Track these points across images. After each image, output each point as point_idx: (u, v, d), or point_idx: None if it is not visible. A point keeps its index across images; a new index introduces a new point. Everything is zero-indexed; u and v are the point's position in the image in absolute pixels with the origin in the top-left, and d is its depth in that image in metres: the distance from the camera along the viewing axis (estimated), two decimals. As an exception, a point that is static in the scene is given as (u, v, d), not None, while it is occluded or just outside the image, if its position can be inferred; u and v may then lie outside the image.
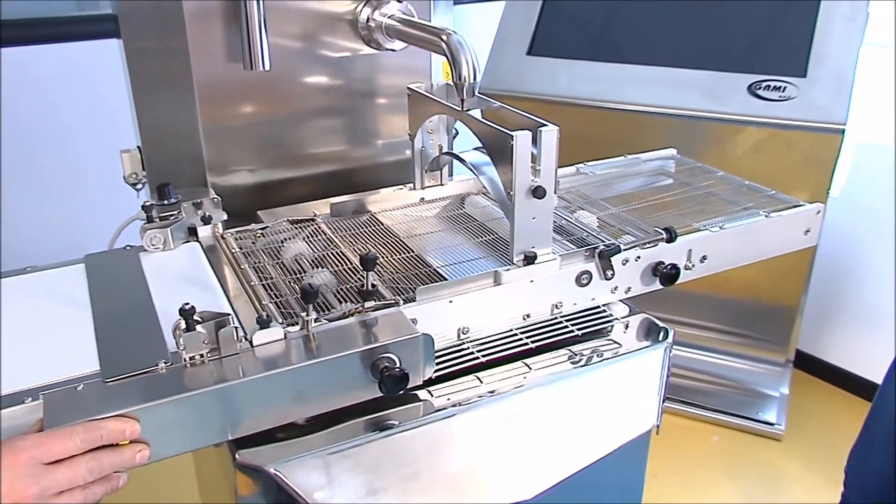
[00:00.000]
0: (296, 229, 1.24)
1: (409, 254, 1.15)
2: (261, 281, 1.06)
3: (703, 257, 1.18)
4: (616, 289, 1.13)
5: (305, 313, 0.90)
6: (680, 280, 1.15)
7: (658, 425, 1.16)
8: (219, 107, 1.28)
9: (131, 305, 0.99)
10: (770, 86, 2.05)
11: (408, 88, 1.27)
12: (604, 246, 1.09)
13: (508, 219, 1.04)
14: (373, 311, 0.95)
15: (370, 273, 0.94)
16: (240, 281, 1.08)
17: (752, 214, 1.24)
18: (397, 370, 0.88)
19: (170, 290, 1.03)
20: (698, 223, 1.20)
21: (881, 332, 2.52)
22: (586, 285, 1.10)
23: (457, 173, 1.41)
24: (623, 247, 1.10)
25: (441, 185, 1.37)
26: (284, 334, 0.89)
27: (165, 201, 1.17)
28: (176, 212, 1.18)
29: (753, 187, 1.37)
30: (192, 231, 1.21)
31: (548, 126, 1.00)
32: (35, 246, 2.16)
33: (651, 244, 1.13)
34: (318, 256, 1.14)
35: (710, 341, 2.53)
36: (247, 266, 1.10)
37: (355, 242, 1.19)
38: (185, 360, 0.84)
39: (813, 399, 2.64)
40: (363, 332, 0.91)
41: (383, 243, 1.19)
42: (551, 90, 2.23)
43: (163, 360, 0.84)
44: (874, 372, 2.51)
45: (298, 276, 1.08)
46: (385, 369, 0.87)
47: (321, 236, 1.22)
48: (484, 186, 1.13)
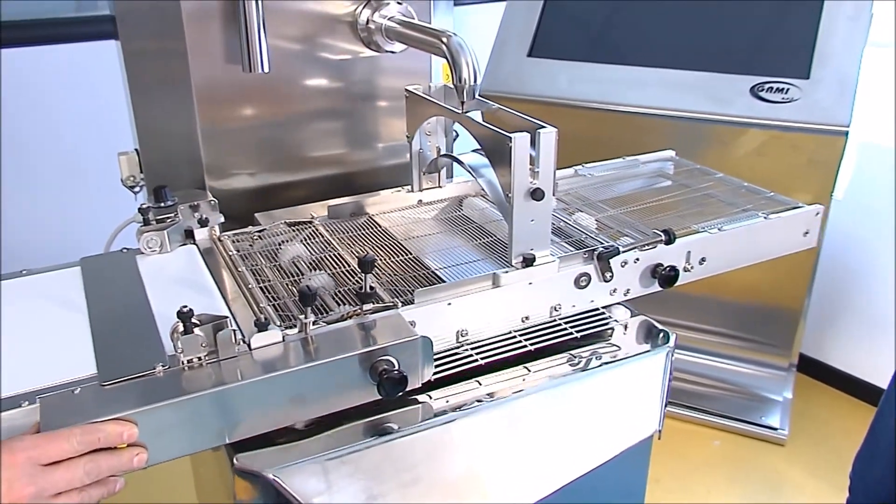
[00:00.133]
0: (293, 232, 1.24)
1: (407, 256, 1.15)
2: (258, 283, 1.06)
3: (702, 259, 1.17)
4: (615, 291, 1.12)
5: (303, 316, 0.90)
6: (679, 282, 1.14)
7: (660, 430, 1.16)
8: (217, 109, 1.27)
9: (128, 308, 0.99)
10: (773, 87, 2.04)
11: (406, 90, 1.26)
12: (602, 248, 1.09)
13: (507, 221, 1.04)
14: (371, 314, 0.94)
15: (368, 275, 0.94)
16: (237, 284, 1.07)
17: (751, 216, 1.23)
18: (396, 373, 0.87)
19: (166, 293, 1.03)
20: (697, 225, 1.19)
21: (886, 335, 2.50)
22: (585, 287, 1.09)
23: (455, 175, 1.40)
24: (622, 249, 1.09)
25: (439, 187, 1.36)
26: (282, 337, 0.89)
27: (162, 204, 1.17)
28: (172, 214, 1.17)
29: (752, 189, 1.36)
30: (189, 234, 1.20)
31: (546, 128, 0.99)
32: (31, 248, 2.15)
33: (650, 246, 1.12)
34: (315, 259, 1.14)
35: (713, 345, 2.52)
36: (244, 268, 1.10)
37: (353, 245, 1.19)
38: (182, 363, 0.83)
39: (817, 404, 2.62)
40: (361, 335, 0.91)
41: (381, 245, 1.19)
42: (552, 92, 2.22)
43: (160, 364, 0.83)
44: (879, 376, 2.49)
45: (296, 279, 1.08)
46: (384, 372, 0.87)
47: (319, 239, 1.21)
48: (482, 188, 1.13)
